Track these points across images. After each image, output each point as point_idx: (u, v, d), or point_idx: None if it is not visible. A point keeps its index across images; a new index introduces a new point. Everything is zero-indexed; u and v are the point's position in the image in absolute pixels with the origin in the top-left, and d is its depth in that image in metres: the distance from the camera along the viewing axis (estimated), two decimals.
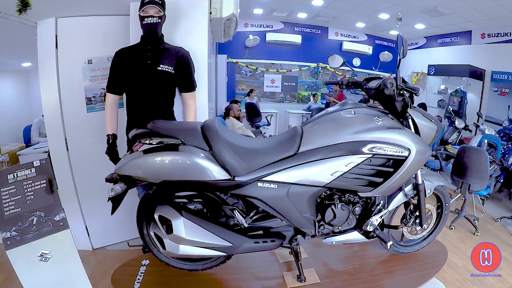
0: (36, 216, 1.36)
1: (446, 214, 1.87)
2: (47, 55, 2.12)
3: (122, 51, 1.83)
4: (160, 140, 1.27)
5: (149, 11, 1.71)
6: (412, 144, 1.41)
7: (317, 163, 1.35)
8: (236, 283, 1.61)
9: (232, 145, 1.29)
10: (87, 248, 2.49)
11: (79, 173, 2.33)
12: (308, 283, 1.56)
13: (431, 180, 1.68)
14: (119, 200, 1.38)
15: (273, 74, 7.98)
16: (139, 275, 1.59)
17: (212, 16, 2.18)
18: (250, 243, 1.39)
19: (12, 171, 1.41)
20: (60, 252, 1.36)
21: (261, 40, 7.69)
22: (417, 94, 1.48)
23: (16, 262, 1.28)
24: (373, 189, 1.43)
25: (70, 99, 2.22)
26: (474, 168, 2.91)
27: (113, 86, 1.86)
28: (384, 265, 1.77)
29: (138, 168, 1.27)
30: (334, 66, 1.70)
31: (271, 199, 1.34)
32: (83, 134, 2.26)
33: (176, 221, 1.30)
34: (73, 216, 2.38)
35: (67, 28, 2.13)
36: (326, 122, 1.45)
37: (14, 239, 1.29)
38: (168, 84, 1.85)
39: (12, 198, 1.36)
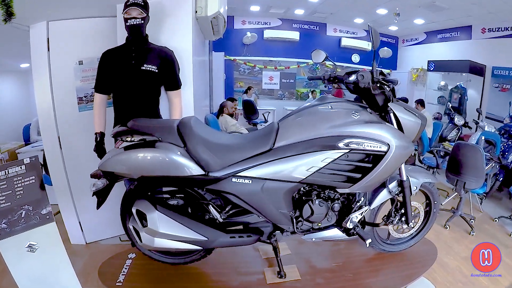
0: (24, 210, 1.44)
1: (435, 213, 1.82)
2: (39, 57, 2.19)
3: (108, 52, 1.88)
4: (141, 137, 1.32)
5: (132, 13, 1.76)
6: (392, 139, 1.37)
7: (292, 159, 1.34)
8: (217, 277, 1.64)
9: (206, 142, 1.32)
10: (80, 242, 2.56)
11: (72, 170, 2.40)
12: (288, 280, 1.56)
13: (417, 177, 1.64)
14: (105, 194, 1.44)
15: (271, 71, 7.99)
16: (125, 268, 1.64)
17: (198, 15, 2.22)
18: (226, 238, 1.41)
19: (4, 168, 1.50)
20: (47, 243, 1.44)
21: (259, 37, 7.70)
22: (395, 85, 1.45)
23: (6, 253, 1.36)
24: (352, 185, 1.40)
25: (63, 99, 2.29)
26: (470, 166, 2.86)
27: (101, 86, 1.92)
28: (369, 263, 1.75)
29: (119, 164, 1.32)
30: (317, 61, 1.65)
31: (246, 194, 1.35)
32: (76, 132, 2.33)
33: (151, 215, 1.34)
34: (67, 212, 2.47)
35: (58, 30, 2.19)
36: (302, 117, 1.43)
37: (4, 231, 1.37)
38: (152, 83, 1.89)
39: (3, 193, 1.44)
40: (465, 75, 5.75)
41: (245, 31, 7.66)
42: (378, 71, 1.47)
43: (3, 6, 1.45)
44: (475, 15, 5.37)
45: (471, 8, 5.05)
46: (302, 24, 7.88)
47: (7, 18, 1.46)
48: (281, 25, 7.82)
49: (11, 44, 2.84)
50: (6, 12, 1.43)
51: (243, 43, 7.73)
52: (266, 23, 7.79)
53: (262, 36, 7.75)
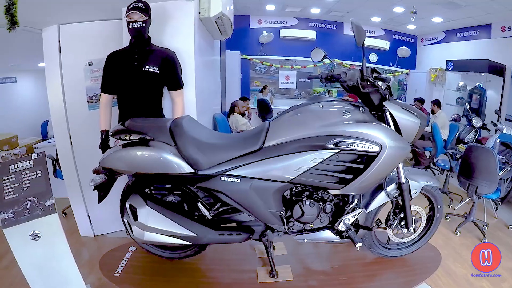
0: (30, 201, 1.55)
1: (439, 218, 1.74)
2: (51, 59, 2.33)
3: (112, 54, 1.97)
4: (138, 136, 1.38)
5: (133, 17, 1.83)
6: (384, 139, 1.32)
7: (281, 158, 1.34)
8: (211, 273, 1.67)
9: (196, 141, 1.36)
10: (89, 234, 2.69)
11: (82, 165, 2.52)
12: (280, 280, 1.55)
13: (417, 180, 1.58)
14: (106, 189, 1.52)
15: (287, 70, 7.93)
16: (124, 260, 1.71)
17: (201, 16, 2.27)
18: (215, 235, 1.44)
19: (14, 163, 1.62)
20: (49, 232, 1.53)
21: (275, 36, 7.68)
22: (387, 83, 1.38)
23: (12, 240, 1.47)
24: (344, 187, 1.37)
25: (73, 98, 2.41)
26: (482, 169, 2.72)
27: (106, 86, 2.01)
28: (366, 267, 1.70)
29: (116, 161, 1.39)
30: (316, 60, 1.61)
31: (234, 193, 1.37)
32: (85, 130, 2.44)
33: (141, 209, 1.40)
34: (76, 205, 2.60)
35: (69, 33, 2.31)
36: (292, 117, 1.41)
37: (10, 219, 1.48)
38: (154, 84, 1.96)
39: (11, 186, 1.56)
40: (484, 75, 5.50)
41: (261, 30, 7.65)
42: (370, 68, 1.42)
43: (8, 16, 1.56)
44: (494, 13, 5.13)
45: (490, 5, 4.83)
46: (318, 23, 7.79)
47: (11, 26, 1.58)
48: (298, 24, 7.76)
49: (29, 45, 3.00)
50: (11, 21, 1.55)
51: (259, 42, 7.73)
52: (283, 22, 7.74)
53: (278, 35, 7.72)
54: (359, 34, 1.31)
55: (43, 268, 1.52)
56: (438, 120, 4.79)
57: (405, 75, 8.18)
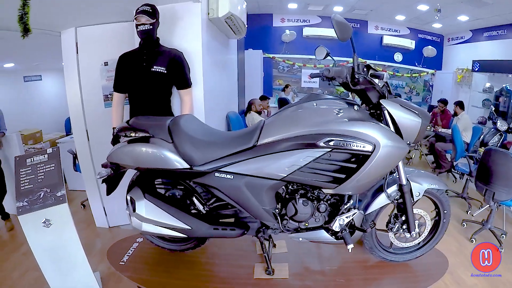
0: (43, 192, 1.69)
1: (445, 223, 1.66)
2: (70, 59, 2.49)
3: (124, 55, 2.08)
4: (141, 134, 1.46)
5: (141, 20, 1.92)
6: (378, 138, 1.28)
7: (273, 156, 1.34)
8: (209, 267, 1.72)
9: (191, 138, 1.41)
10: (104, 226, 2.85)
11: (98, 160, 2.65)
12: (275, 277, 1.56)
13: (420, 182, 1.52)
14: (114, 182, 1.62)
15: (310, 69, 7.81)
16: (130, 250, 1.80)
17: (210, 16, 2.33)
18: (209, 229, 1.49)
19: (30, 156, 1.77)
20: (59, 221, 1.68)
21: (298, 35, 7.60)
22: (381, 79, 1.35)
23: (25, 226, 1.62)
24: (338, 186, 1.35)
25: (90, 97, 2.57)
26: (500, 174, 2.58)
27: (118, 86, 2.13)
28: (366, 271, 1.66)
29: (120, 156, 1.48)
30: (320, 58, 1.58)
31: (228, 189, 1.41)
32: (101, 126, 2.57)
33: (139, 202, 1.48)
34: (93, 197, 2.75)
35: (85, 35, 2.46)
36: (286, 115, 1.41)
37: (25, 207, 1.63)
38: (162, 83, 2.04)
39: (28, 177, 1.72)
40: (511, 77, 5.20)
41: (284, 29, 7.60)
42: (363, 65, 1.38)
43: (21, 24, 1.67)
44: None
45: None
46: None
47: (24, 34, 1.70)
48: (321, 22, 7.62)
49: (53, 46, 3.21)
50: (24, 29, 1.67)
51: (282, 41, 7.68)
52: (306, 20, 7.65)
53: (301, 34, 7.63)
54: (341, 30, 1.28)
55: (53, 253, 1.65)
56: (460, 122, 4.57)
57: (431, 76, 7.86)
